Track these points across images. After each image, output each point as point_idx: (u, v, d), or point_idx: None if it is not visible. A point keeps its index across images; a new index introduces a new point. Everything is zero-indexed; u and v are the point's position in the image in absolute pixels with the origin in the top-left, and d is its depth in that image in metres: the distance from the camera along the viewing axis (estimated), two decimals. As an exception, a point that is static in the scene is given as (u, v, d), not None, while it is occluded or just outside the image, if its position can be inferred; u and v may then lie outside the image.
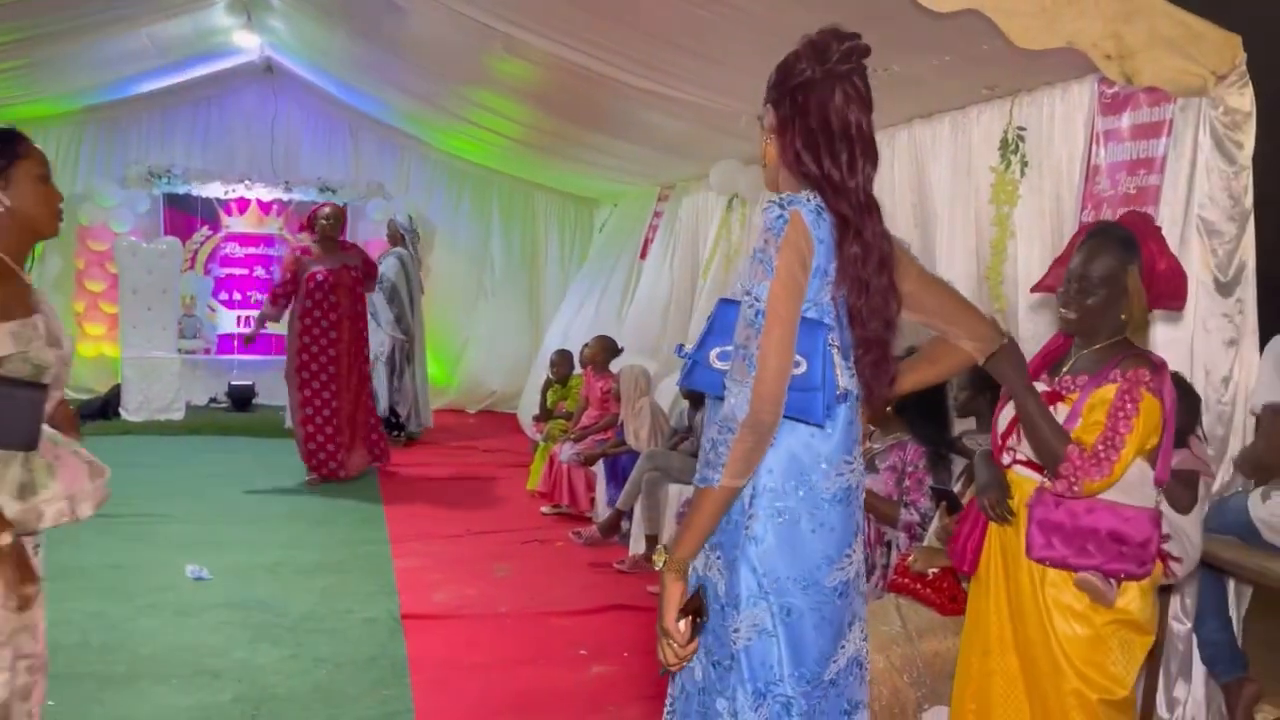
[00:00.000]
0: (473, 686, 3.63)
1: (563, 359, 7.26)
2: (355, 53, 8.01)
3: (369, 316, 7.27)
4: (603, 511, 5.84)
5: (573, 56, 5.18)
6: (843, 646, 1.84)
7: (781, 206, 1.75)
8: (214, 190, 9.77)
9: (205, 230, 9.80)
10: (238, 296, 9.96)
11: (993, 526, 2.40)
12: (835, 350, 1.80)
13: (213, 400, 9.69)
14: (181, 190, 9.68)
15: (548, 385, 7.29)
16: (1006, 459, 2.39)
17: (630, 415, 5.89)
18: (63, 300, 9.45)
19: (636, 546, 5.24)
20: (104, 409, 8.71)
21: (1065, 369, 2.36)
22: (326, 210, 6.83)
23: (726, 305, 1.83)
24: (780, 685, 1.78)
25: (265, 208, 9.94)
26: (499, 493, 6.58)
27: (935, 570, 2.92)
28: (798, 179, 1.82)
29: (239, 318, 9.96)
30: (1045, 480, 2.27)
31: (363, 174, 10.13)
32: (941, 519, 3.06)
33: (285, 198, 9.93)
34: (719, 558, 1.83)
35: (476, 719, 3.39)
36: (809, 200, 1.77)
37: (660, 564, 1.77)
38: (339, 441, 6.71)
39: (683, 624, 1.75)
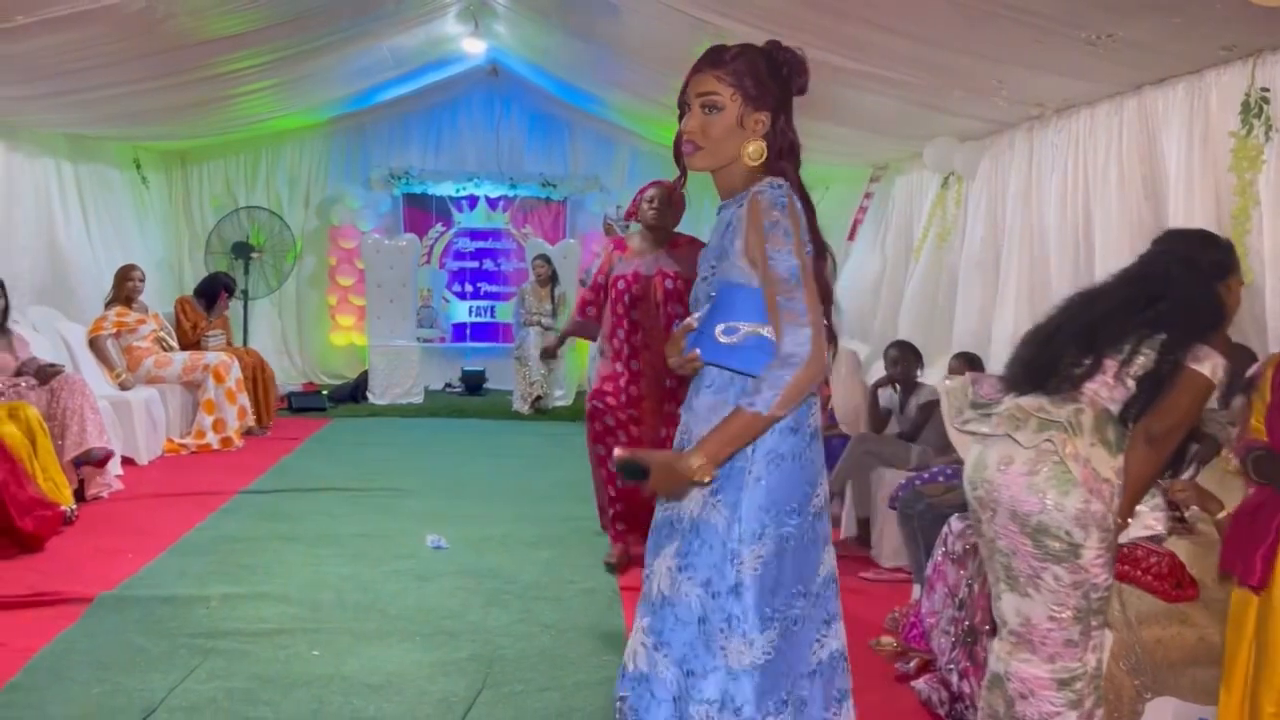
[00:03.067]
0: (686, 657, 3.76)
1: (773, 343, 7.30)
2: (572, 52, 8.35)
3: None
4: (814, 494, 5.85)
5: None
6: (822, 561, 2.04)
7: (775, 187, 2.00)
8: (446, 189, 10.45)
9: (439, 227, 10.51)
10: (469, 288, 10.62)
11: None
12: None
13: (448, 385, 10.38)
14: (418, 190, 10.42)
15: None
16: None
17: (840, 398, 5.87)
18: (318, 295, 10.42)
19: (848, 529, 5.24)
20: (354, 393, 9.52)
21: None
22: (650, 191, 4.65)
23: (727, 287, 2.03)
24: (784, 608, 1.96)
25: (493, 204, 10.54)
26: (712, 475, 6.71)
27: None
28: (768, 170, 2.06)
29: (470, 308, 10.63)
30: None
31: (580, 168, 10.54)
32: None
33: (510, 194, 10.49)
34: (720, 500, 1.97)
35: (689, 687, 3.52)
36: (784, 184, 2.04)
37: (697, 464, 1.87)
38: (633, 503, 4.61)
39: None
